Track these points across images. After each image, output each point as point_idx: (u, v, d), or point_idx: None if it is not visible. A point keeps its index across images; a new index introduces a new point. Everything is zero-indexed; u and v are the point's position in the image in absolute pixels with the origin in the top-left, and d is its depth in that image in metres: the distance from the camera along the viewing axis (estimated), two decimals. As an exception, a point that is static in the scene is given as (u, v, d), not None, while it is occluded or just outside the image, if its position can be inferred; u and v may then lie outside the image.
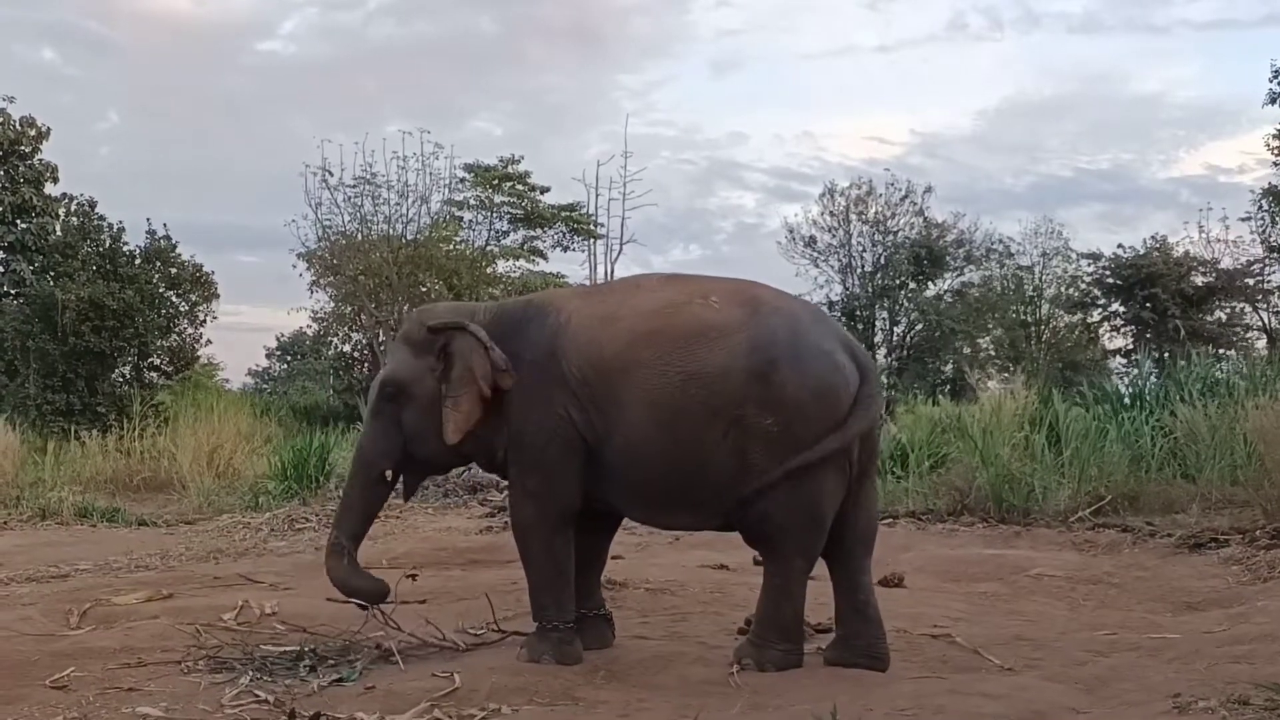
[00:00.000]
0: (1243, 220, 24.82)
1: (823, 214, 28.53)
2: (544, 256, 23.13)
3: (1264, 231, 23.97)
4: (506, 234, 22.79)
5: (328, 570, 4.99)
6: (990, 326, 28.64)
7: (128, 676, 4.53)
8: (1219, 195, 42.25)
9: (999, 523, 8.84)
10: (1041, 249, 29.39)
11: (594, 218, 22.91)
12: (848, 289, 28.46)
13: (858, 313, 27.70)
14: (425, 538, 8.87)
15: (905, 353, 28.63)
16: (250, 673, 4.50)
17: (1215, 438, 9.75)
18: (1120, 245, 27.63)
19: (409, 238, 21.26)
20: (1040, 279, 29.33)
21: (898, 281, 27.82)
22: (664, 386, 4.38)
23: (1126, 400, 11.92)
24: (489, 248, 22.14)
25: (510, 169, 22.57)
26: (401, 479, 5.12)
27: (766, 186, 47.19)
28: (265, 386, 39.71)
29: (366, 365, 29.54)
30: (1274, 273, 24.99)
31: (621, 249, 24.27)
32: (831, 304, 27.74)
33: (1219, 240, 24.77)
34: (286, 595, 6.31)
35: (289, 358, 49.73)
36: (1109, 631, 5.31)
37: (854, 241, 27.96)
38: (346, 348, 29.84)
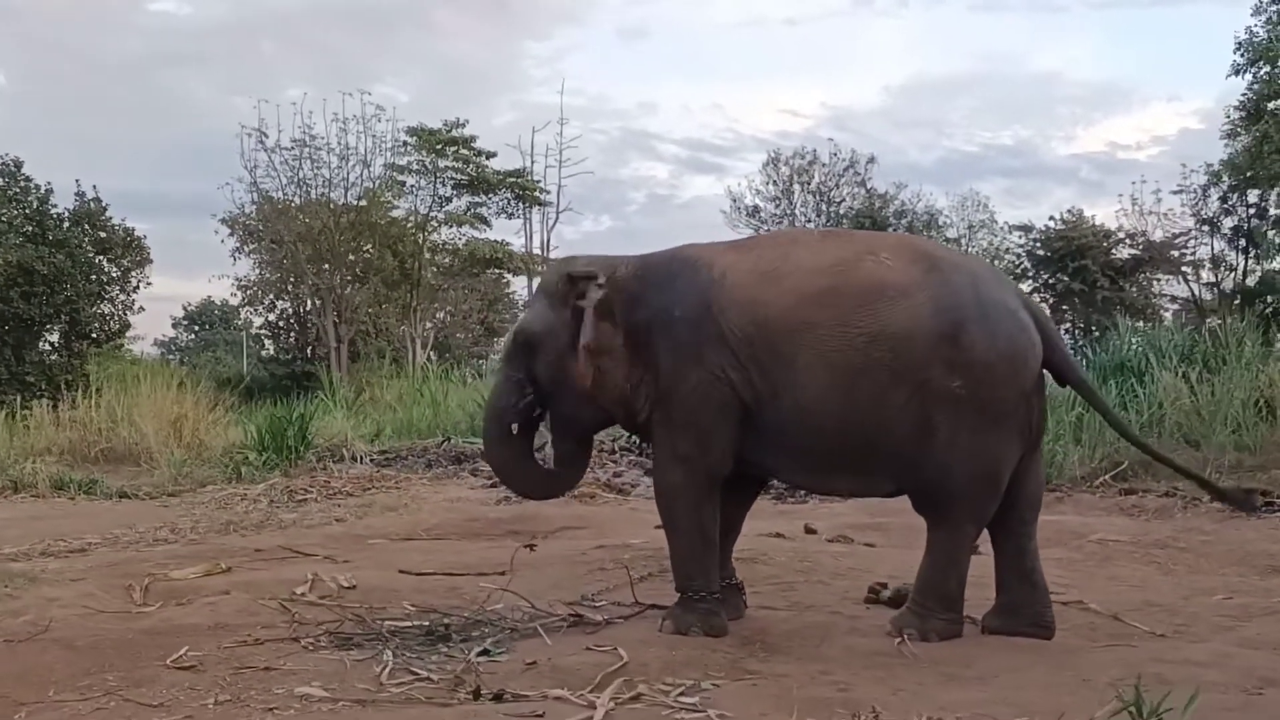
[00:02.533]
0: (1174, 194, 25.28)
1: (766, 183, 28.48)
2: (488, 224, 22.74)
3: (1196, 205, 24.42)
4: (450, 200, 22.31)
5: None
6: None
7: (252, 655, 4.22)
8: (1118, 171, 43.39)
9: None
10: (968, 221, 29.70)
11: (540, 184, 22.63)
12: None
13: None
14: (445, 509, 8.57)
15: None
16: (387, 649, 4.22)
17: (1219, 404, 9.87)
18: (1052, 218, 28.05)
19: (350, 202, 20.70)
20: (967, 251, 29.60)
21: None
22: (843, 348, 4.18)
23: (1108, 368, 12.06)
24: (432, 214, 21.66)
25: (455, 133, 22.08)
26: (550, 445, 4.96)
27: (679, 158, 47.28)
28: (172, 357, 38.54)
29: (293, 335, 28.89)
30: (1202, 245, 25.51)
31: (558, 217, 24.05)
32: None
33: (1151, 212, 25.17)
34: (346, 568, 6.00)
35: (197, 327, 48.62)
36: (1224, 595, 5.28)
37: (797, 211, 27.96)
38: (272, 316, 29.08)
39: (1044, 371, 4.41)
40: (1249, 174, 21.93)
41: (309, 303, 25.59)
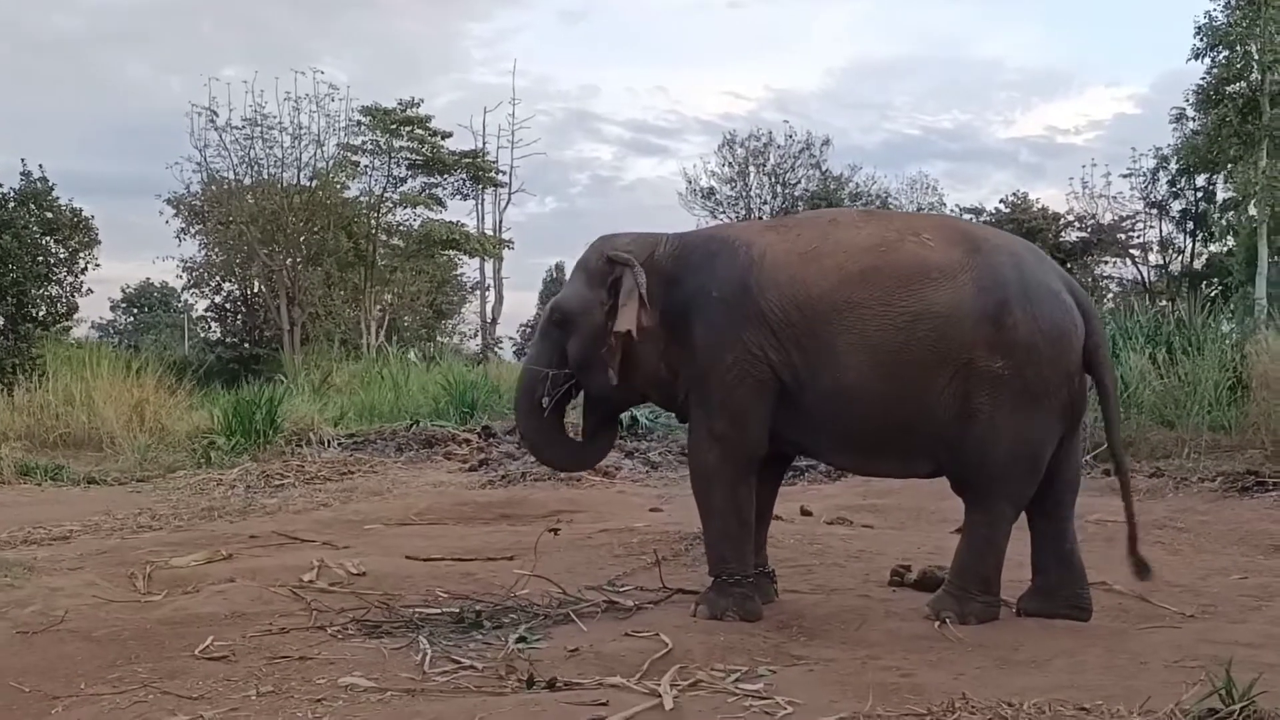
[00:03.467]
0: (1124, 177, 25.66)
1: (722, 165, 28.46)
2: (443, 205, 22.46)
3: (1145, 189, 24.81)
4: (404, 180, 22.02)
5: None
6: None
7: (281, 645, 4.11)
8: (1056, 155, 44.11)
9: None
10: (917, 204, 29.90)
11: (496, 164, 22.43)
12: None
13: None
14: (432, 493, 8.49)
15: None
16: (421, 637, 4.12)
17: (1194, 385, 9.97)
18: (1002, 200, 28.31)
19: (303, 183, 20.36)
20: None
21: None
22: (885, 329, 4.15)
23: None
24: (386, 194, 21.35)
25: (410, 112, 21.78)
26: (583, 418, 4.95)
27: (623, 139, 47.22)
28: (112, 340, 37.77)
29: (240, 318, 28.41)
30: (1150, 228, 25.93)
31: (510, 198, 23.86)
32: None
33: (1101, 196, 25.52)
34: (349, 554, 5.87)
35: (136, 310, 47.71)
36: (1239, 575, 5.32)
37: (753, 193, 27.98)
38: (218, 299, 28.54)
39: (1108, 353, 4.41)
40: (1208, 156, 22.23)
41: (257, 285, 25.18)
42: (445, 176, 22.75)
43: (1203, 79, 22.04)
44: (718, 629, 4.22)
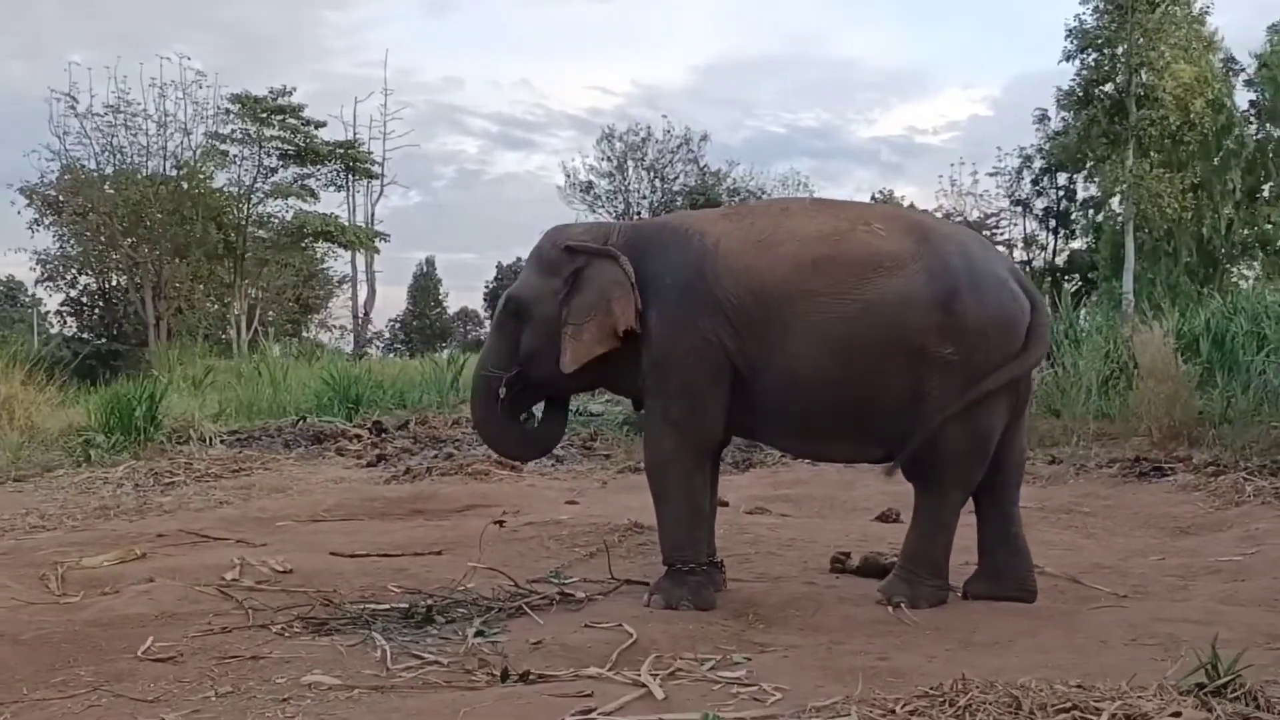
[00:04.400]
0: (990, 175, 26.39)
1: (600, 159, 28.41)
2: (315, 196, 21.91)
3: (1010, 187, 25.58)
4: (275, 171, 21.41)
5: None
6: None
7: (227, 645, 3.95)
8: (916, 154, 45.49)
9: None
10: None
11: (372, 155, 22.05)
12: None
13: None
14: (339, 490, 8.24)
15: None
16: (373, 633, 4.01)
17: (1080, 375, 10.31)
18: (873, 196, 28.86)
19: (168, 172, 19.68)
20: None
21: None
22: (839, 316, 4.19)
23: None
24: (256, 185, 20.75)
25: (282, 100, 21.23)
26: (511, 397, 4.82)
27: (489, 133, 46.84)
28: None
29: (98, 312, 27.41)
30: (1014, 225, 26.72)
31: (383, 190, 23.49)
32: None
33: (969, 193, 26.21)
34: (266, 552, 5.68)
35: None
36: (1157, 556, 5.48)
37: (631, 187, 28.00)
38: (74, 293, 27.48)
39: (1048, 339, 4.50)
40: (1077, 155, 23.01)
41: (115, 278, 24.32)
42: (319, 167, 22.26)
43: (1073, 80, 22.86)
44: (675, 618, 4.20)
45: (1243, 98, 25.24)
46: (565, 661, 3.66)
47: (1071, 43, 22.53)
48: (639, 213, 28.09)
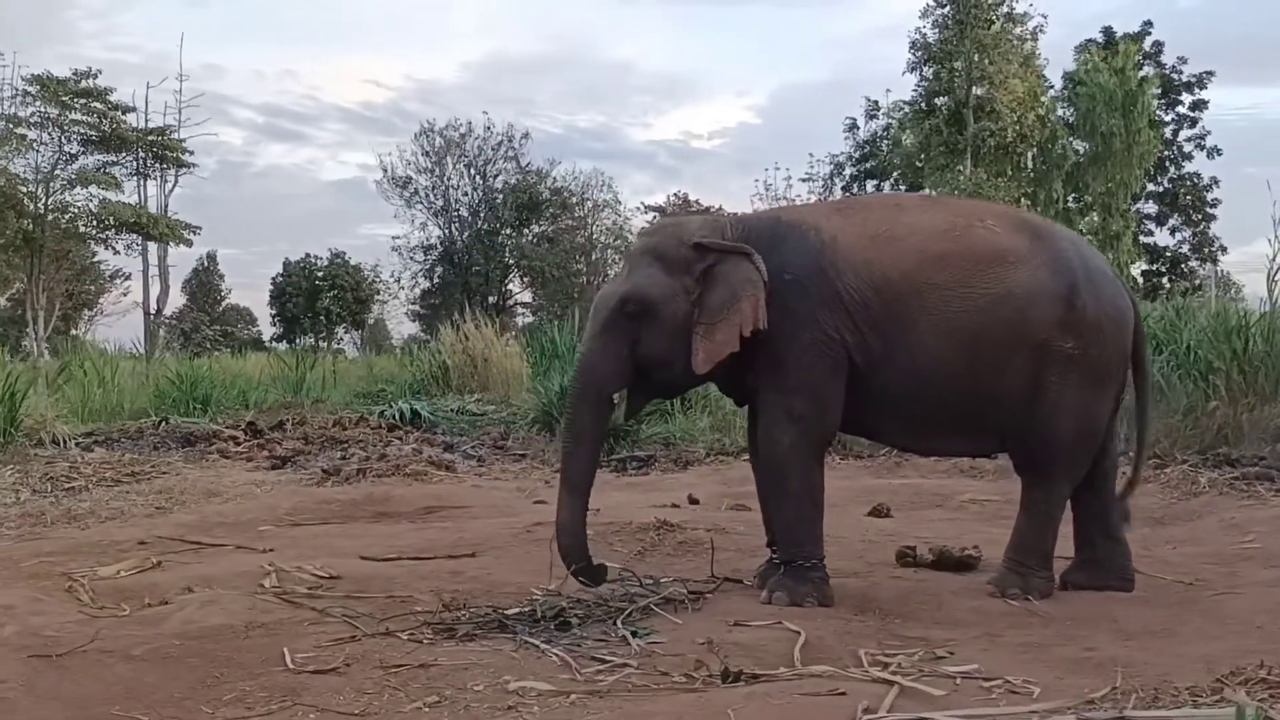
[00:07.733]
0: (803, 180, 27.21)
1: (418, 154, 27.79)
2: (119, 186, 20.56)
3: (823, 192, 26.42)
4: (76, 158, 20.01)
5: (560, 530, 4.38)
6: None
7: (370, 654, 3.70)
8: (692, 158, 46.70)
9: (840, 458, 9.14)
10: (593, 200, 30.34)
11: (184, 143, 20.95)
12: (445, 233, 28.05)
13: (455, 258, 27.42)
14: (274, 493, 7.77)
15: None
16: (533, 638, 3.82)
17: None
18: (675, 194, 29.20)
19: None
20: (592, 229, 30.18)
21: (497, 227, 27.66)
22: (965, 310, 4.26)
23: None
24: (57, 173, 19.35)
25: (87, 83, 19.90)
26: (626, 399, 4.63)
27: (254, 124, 45.30)
28: None
29: None
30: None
31: (177, 181, 22.40)
32: (428, 248, 27.41)
33: (782, 198, 26.85)
34: (278, 558, 5.29)
35: None
36: (1170, 545, 5.72)
37: (451, 183, 27.51)
38: None
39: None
40: (916, 164, 23.97)
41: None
42: (123, 154, 20.98)
43: (914, 90, 23.89)
44: (816, 615, 4.15)
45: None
46: (750, 660, 3.57)
47: (914, 55, 23.56)
48: (458, 211, 27.73)
